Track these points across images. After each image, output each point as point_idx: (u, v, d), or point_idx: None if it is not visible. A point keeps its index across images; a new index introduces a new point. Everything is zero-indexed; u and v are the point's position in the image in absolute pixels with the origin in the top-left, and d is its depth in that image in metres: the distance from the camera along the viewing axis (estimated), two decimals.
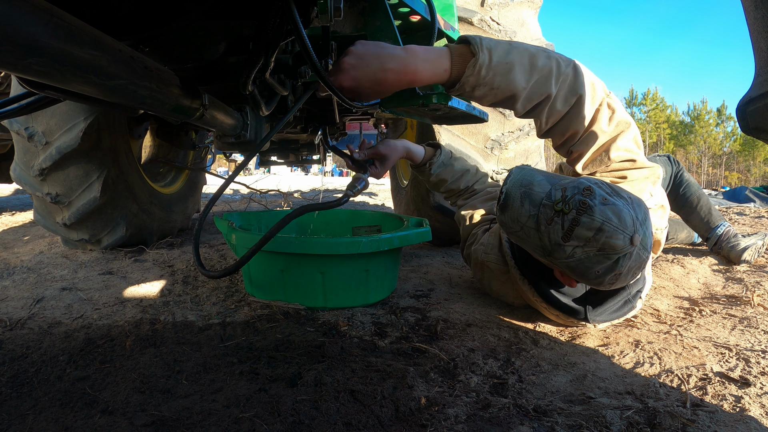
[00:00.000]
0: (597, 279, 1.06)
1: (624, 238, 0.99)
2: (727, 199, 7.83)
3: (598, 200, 1.00)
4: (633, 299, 1.23)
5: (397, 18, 1.50)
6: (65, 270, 1.77)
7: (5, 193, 6.10)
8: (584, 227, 1.00)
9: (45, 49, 0.52)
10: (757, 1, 0.47)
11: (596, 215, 0.99)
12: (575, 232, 1.00)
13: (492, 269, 1.42)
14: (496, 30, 2.28)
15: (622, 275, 1.04)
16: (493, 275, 1.43)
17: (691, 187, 2.09)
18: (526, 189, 1.09)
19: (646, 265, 1.08)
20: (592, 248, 1.01)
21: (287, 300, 1.40)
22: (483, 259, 1.45)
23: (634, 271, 1.05)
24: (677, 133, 47.27)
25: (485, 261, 1.44)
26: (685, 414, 0.83)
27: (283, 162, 4.20)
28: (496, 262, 1.41)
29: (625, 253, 1.00)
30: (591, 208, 1.00)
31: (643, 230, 1.02)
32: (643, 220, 1.03)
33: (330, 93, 1.07)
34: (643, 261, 1.04)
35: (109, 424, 0.81)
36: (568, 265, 1.06)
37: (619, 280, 1.06)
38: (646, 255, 1.04)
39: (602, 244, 0.99)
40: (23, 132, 1.75)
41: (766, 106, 0.47)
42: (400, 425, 0.81)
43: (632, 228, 1.00)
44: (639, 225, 1.01)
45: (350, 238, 1.36)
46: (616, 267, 1.02)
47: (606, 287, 1.09)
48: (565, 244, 1.02)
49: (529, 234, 1.08)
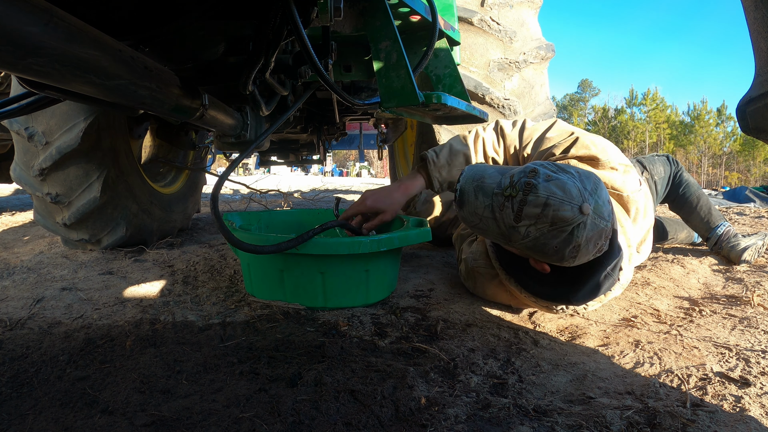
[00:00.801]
0: (558, 254, 1.08)
1: (572, 208, 1.03)
2: (727, 199, 7.83)
3: (542, 178, 1.06)
4: (613, 272, 1.22)
5: (397, 18, 1.50)
6: (65, 270, 1.77)
7: (5, 193, 6.11)
8: (531, 205, 1.05)
9: (45, 49, 0.52)
10: (757, 1, 0.47)
11: (540, 192, 1.04)
12: (524, 212, 1.06)
13: (482, 274, 1.46)
14: (496, 30, 2.28)
15: (582, 246, 1.06)
16: (484, 280, 1.47)
17: (691, 187, 2.08)
18: (479, 182, 1.16)
19: (610, 234, 1.11)
20: (544, 224, 1.05)
21: (287, 300, 1.39)
22: (472, 266, 1.49)
23: (595, 240, 1.08)
24: (677, 133, 47.27)
25: (475, 268, 1.48)
26: (685, 414, 0.83)
27: (283, 162, 4.21)
28: (484, 266, 1.45)
29: (578, 222, 1.04)
30: (535, 186, 1.05)
31: (593, 199, 1.05)
32: (593, 190, 1.07)
33: (330, 93, 1.07)
34: (602, 230, 1.07)
35: (109, 424, 0.81)
36: (527, 246, 1.10)
37: (581, 252, 1.08)
38: (604, 223, 1.07)
39: (552, 218, 1.04)
40: (23, 132, 1.75)
41: (766, 106, 0.47)
42: (400, 425, 0.81)
43: (579, 198, 1.04)
44: (588, 195, 1.05)
45: (350, 239, 1.35)
46: (573, 239, 1.05)
47: (572, 262, 1.11)
48: (518, 225, 1.08)
49: (487, 224, 1.14)
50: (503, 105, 2.28)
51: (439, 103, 1.26)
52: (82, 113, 1.76)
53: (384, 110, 1.30)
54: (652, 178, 2.02)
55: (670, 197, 2.12)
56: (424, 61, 1.39)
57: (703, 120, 45.44)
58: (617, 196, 1.37)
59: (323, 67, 1.06)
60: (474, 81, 2.24)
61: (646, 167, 2.05)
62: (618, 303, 1.52)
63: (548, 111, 2.46)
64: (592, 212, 1.04)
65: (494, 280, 1.43)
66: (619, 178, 1.36)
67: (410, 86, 1.21)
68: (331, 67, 1.18)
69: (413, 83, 1.21)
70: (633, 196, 1.36)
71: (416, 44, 1.59)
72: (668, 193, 2.10)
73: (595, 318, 1.39)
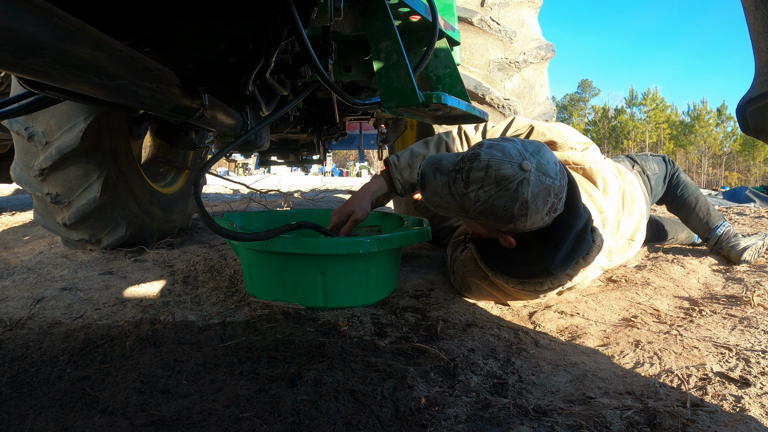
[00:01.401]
0: (508, 214, 1.15)
1: (512, 166, 1.12)
2: (727, 199, 7.83)
3: (484, 147, 1.17)
4: (584, 233, 1.24)
5: (397, 18, 1.50)
6: (65, 270, 1.77)
7: (5, 193, 6.10)
8: (476, 170, 1.15)
9: (45, 49, 0.52)
10: (757, 1, 0.47)
11: (482, 156, 1.15)
12: (471, 177, 1.15)
13: (473, 277, 1.49)
14: (496, 30, 2.28)
15: (530, 202, 1.12)
16: (476, 282, 1.49)
17: (689, 188, 2.08)
18: (437, 165, 1.25)
19: (561, 192, 1.17)
20: (490, 185, 1.14)
21: (287, 300, 1.39)
22: (463, 273, 1.53)
23: (543, 197, 1.13)
24: (677, 133, 47.27)
25: (465, 274, 1.52)
26: (685, 414, 0.83)
27: (283, 162, 4.21)
28: (473, 270, 1.49)
29: (520, 179, 1.11)
30: (479, 153, 1.16)
31: (535, 159, 1.13)
32: (535, 151, 1.15)
33: (330, 93, 1.07)
34: (549, 186, 1.14)
35: (109, 424, 0.81)
36: (480, 212, 1.18)
37: (531, 209, 1.14)
38: (550, 180, 1.13)
39: (494, 178, 1.12)
40: (23, 132, 1.75)
41: (766, 106, 0.47)
42: (400, 425, 0.81)
43: (519, 157, 1.13)
44: (529, 154, 1.14)
45: (350, 238, 1.35)
46: (518, 195, 1.12)
47: (525, 221, 1.16)
48: (468, 191, 1.16)
49: (447, 200, 1.23)
50: (503, 105, 2.28)
51: (439, 103, 1.26)
52: (82, 113, 1.76)
53: (384, 110, 1.30)
54: (644, 173, 2.02)
55: (667, 198, 2.11)
56: (424, 61, 1.39)
57: (703, 120, 45.44)
58: (581, 169, 1.46)
59: (323, 67, 1.06)
60: (474, 81, 2.24)
61: (637, 162, 2.05)
62: (618, 303, 1.52)
63: (548, 111, 2.46)
64: (534, 169, 1.12)
65: (485, 281, 1.46)
66: (578, 155, 1.47)
67: (410, 86, 1.21)
68: (331, 67, 1.18)
69: (413, 83, 1.21)
70: (595, 167, 1.45)
71: (416, 44, 1.59)
72: (666, 194, 2.10)
73: (595, 318, 1.39)
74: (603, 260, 1.45)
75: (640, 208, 1.71)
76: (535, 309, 1.47)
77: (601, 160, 1.50)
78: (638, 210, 1.69)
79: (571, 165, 1.47)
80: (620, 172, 1.75)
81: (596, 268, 1.45)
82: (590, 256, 1.28)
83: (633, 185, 1.74)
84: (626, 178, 1.74)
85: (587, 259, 1.29)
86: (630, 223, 1.66)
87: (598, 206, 1.40)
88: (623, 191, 1.67)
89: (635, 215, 1.68)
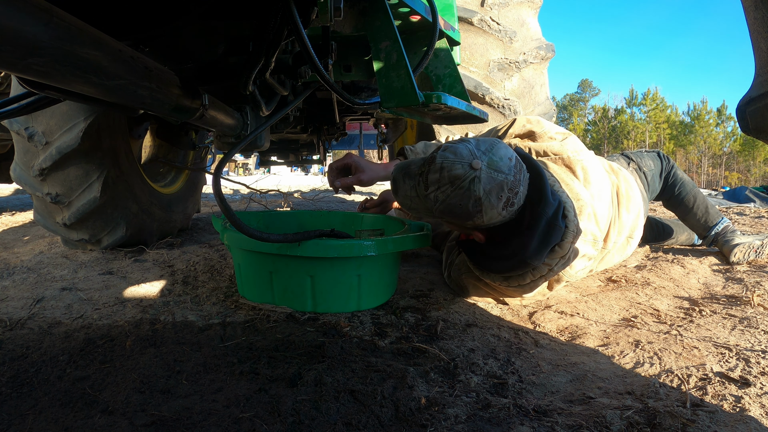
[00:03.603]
0: (464, 211, 1.20)
1: (462, 166, 1.17)
2: (727, 199, 7.82)
3: (440, 150, 1.22)
4: (554, 220, 1.25)
5: (397, 18, 1.50)
6: (65, 270, 1.77)
7: (5, 193, 6.10)
8: (432, 172, 1.21)
9: (45, 49, 0.52)
10: (757, 1, 0.47)
11: (437, 160, 1.21)
12: (428, 179, 1.21)
13: (468, 279, 1.51)
14: (496, 30, 2.28)
15: (483, 199, 1.18)
16: (473, 284, 1.51)
17: (686, 186, 2.07)
18: (405, 170, 1.31)
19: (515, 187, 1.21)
20: (445, 185, 1.19)
21: (276, 303, 1.36)
22: (459, 275, 1.55)
23: (497, 192, 1.18)
24: (677, 133, 47.25)
25: (461, 276, 1.54)
26: (685, 414, 0.83)
27: (283, 162, 4.21)
28: (466, 272, 1.51)
29: (471, 177, 1.17)
30: (434, 157, 1.22)
31: (487, 157, 1.18)
32: (487, 150, 1.20)
33: (330, 93, 1.07)
34: (502, 182, 1.18)
35: (109, 424, 0.81)
36: (441, 211, 1.23)
37: (485, 205, 1.18)
38: (502, 177, 1.18)
39: (448, 178, 1.18)
40: (23, 132, 1.75)
41: (766, 106, 0.47)
42: (400, 425, 0.81)
43: (470, 157, 1.18)
44: (480, 153, 1.19)
45: (341, 241, 1.29)
46: (471, 193, 1.17)
47: (482, 218, 1.21)
48: (428, 193, 1.22)
49: (415, 202, 1.28)
50: (503, 105, 2.28)
51: (439, 103, 1.26)
52: (82, 113, 1.76)
53: (384, 110, 1.30)
54: (641, 169, 2.01)
55: (665, 196, 2.10)
56: (424, 61, 1.39)
57: (703, 120, 45.42)
58: (560, 159, 1.50)
59: (323, 67, 1.06)
60: (474, 81, 2.24)
61: (633, 159, 2.05)
62: (618, 303, 1.52)
63: (548, 111, 2.46)
64: (485, 167, 1.17)
65: (480, 281, 1.47)
66: (557, 145, 1.52)
67: (410, 86, 1.21)
68: (331, 67, 1.18)
69: (413, 83, 1.21)
70: (573, 156, 1.49)
71: (416, 44, 1.58)
72: (663, 191, 2.09)
73: (595, 318, 1.39)
74: (587, 248, 1.45)
75: (638, 205, 1.72)
76: (535, 309, 1.47)
77: (581, 150, 1.53)
78: (636, 207, 1.70)
79: (550, 155, 1.51)
80: (613, 170, 1.75)
81: (581, 257, 1.44)
82: (565, 242, 1.29)
83: (629, 182, 1.74)
84: (620, 175, 1.74)
85: (563, 246, 1.29)
86: (628, 219, 1.66)
87: (574, 194, 1.42)
88: (617, 187, 1.68)
89: (633, 212, 1.68)
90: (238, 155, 7.76)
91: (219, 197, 1.09)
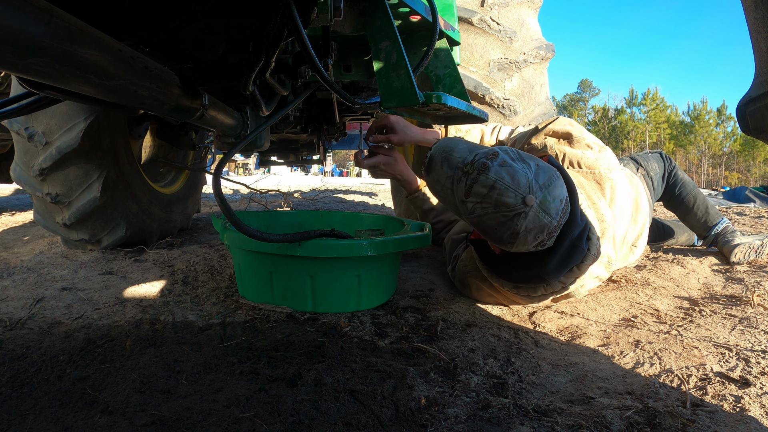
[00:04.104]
0: (496, 235, 1.16)
1: (515, 196, 1.09)
2: (727, 200, 7.83)
3: (497, 162, 1.12)
4: (579, 241, 1.23)
5: (397, 18, 1.50)
6: (65, 270, 1.77)
7: (5, 193, 6.10)
8: (480, 185, 1.11)
9: (45, 49, 0.52)
10: (757, 1, 0.47)
11: (491, 174, 1.10)
12: (473, 190, 1.13)
13: (474, 278, 1.49)
14: (496, 30, 2.28)
15: (520, 235, 1.11)
16: (476, 283, 1.49)
17: (687, 186, 2.07)
18: (447, 154, 1.22)
19: (554, 231, 1.15)
20: (489, 205, 1.11)
21: (276, 303, 1.36)
22: (464, 272, 1.52)
23: (535, 233, 1.12)
24: (677, 133, 47.26)
25: (466, 273, 1.51)
26: (685, 414, 0.83)
27: (283, 162, 4.20)
28: (474, 270, 1.48)
29: (519, 211, 1.09)
30: (489, 168, 1.11)
31: (542, 193, 1.10)
32: (545, 185, 1.11)
33: (330, 93, 1.08)
34: (545, 225, 1.11)
35: (109, 424, 0.81)
36: (472, 222, 1.18)
37: (519, 240, 1.13)
38: (548, 219, 1.11)
39: (495, 201, 1.10)
40: (23, 132, 1.75)
41: (766, 106, 0.47)
42: (400, 425, 0.81)
43: (527, 189, 1.09)
44: (537, 188, 1.10)
45: (341, 241, 1.29)
46: (512, 225, 1.11)
47: (509, 247, 1.17)
48: (466, 200, 1.15)
49: (446, 194, 1.22)
50: (503, 105, 2.28)
51: (439, 103, 1.26)
52: (82, 113, 1.76)
53: (384, 110, 1.30)
54: (648, 175, 2.02)
55: (665, 196, 2.11)
56: (424, 61, 1.39)
57: (703, 120, 45.43)
58: (591, 173, 1.44)
59: (323, 67, 1.06)
60: (474, 81, 2.24)
61: (641, 164, 2.05)
62: (618, 303, 1.52)
63: (548, 111, 2.46)
64: (536, 205, 1.09)
65: (485, 282, 1.45)
66: (592, 156, 1.44)
67: (410, 86, 1.21)
68: (331, 67, 1.18)
69: (413, 83, 1.21)
70: (606, 174, 1.43)
71: (416, 44, 1.58)
72: (664, 191, 2.09)
73: (595, 318, 1.39)
74: (600, 270, 1.42)
75: (645, 215, 1.70)
76: (535, 309, 1.47)
77: (615, 168, 1.47)
78: (642, 217, 1.68)
79: (584, 168, 1.45)
80: (632, 182, 1.73)
81: (593, 278, 1.43)
82: (585, 264, 1.27)
83: (639, 193, 1.73)
84: (636, 186, 1.73)
85: (581, 268, 1.27)
86: (634, 230, 1.65)
87: (599, 215, 1.38)
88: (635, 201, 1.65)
89: (639, 223, 1.67)
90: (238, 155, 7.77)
91: (219, 197, 1.09)
